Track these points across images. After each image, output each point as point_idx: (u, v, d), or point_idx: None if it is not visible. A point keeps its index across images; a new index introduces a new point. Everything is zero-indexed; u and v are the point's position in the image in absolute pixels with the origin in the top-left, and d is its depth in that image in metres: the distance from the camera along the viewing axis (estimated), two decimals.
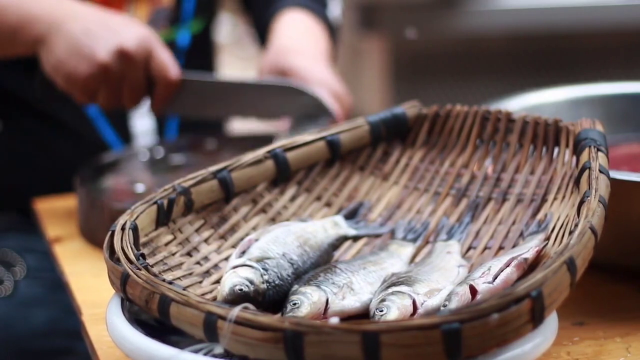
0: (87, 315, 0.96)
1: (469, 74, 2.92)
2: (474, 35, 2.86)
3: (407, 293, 0.80)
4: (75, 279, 1.07)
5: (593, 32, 2.92)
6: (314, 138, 0.97)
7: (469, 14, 2.84)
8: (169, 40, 1.49)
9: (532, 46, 2.92)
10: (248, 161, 0.94)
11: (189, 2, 1.51)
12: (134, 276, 0.77)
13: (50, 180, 1.41)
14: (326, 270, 0.85)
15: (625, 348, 0.86)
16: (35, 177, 1.47)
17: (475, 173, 0.97)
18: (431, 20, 2.82)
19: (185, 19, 1.50)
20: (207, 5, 1.55)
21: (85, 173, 1.25)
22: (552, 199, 0.91)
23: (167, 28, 1.49)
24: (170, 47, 1.48)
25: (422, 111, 1.01)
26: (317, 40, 1.45)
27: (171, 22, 1.50)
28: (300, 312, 0.80)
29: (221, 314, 0.71)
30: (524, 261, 0.81)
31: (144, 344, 0.74)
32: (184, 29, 1.50)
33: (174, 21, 1.50)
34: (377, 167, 1.01)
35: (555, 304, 0.71)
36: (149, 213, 0.87)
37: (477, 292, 0.78)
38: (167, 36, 1.49)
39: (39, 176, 1.47)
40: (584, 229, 0.76)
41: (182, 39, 1.50)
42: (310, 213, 0.97)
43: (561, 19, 2.92)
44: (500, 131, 0.97)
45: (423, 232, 0.94)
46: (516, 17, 2.88)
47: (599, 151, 0.87)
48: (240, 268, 0.84)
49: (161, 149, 1.36)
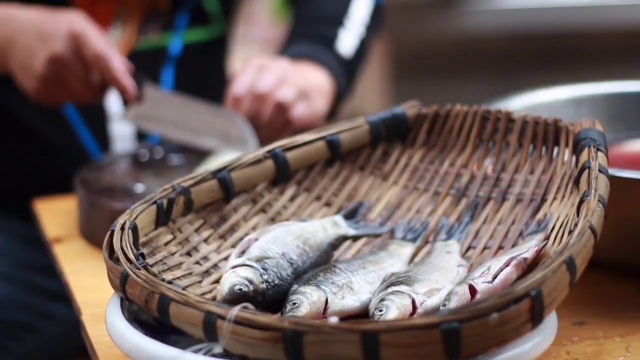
0: (87, 315, 0.96)
1: (469, 74, 2.92)
2: (474, 35, 2.86)
3: (407, 293, 0.80)
4: (75, 279, 1.07)
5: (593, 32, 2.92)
6: (313, 138, 0.97)
7: (469, 14, 2.84)
8: (160, 45, 1.48)
9: (532, 46, 2.92)
10: (248, 161, 0.94)
11: (183, 12, 1.50)
12: (133, 276, 0.77)
13: (28, 187, 1.44)
14: (326, 270, 0.85)
15: (625, 348, 0.86)
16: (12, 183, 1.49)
17: (474, 173, 0.97)
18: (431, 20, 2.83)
19: (179, 27, 1.51)
20: (204, 18, 1.54)
21: (85, 173, 1.25)
22: (552, 198, 0.91)
23: (159, 33, 1.49)
24: (161, 53, 1.48)
25: (422, 111, 1.01)
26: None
27: (164, 28, 1.50)
28: (299, 312, 0.80)
29: (221, 314, 0.71)
30: (523, 261, 0.81)
31: (143, 343, 0.74)
32: (176, 37, 1.50)
33: (166, 27, 1.50)
34: (377, 167, 1.01)
35: (554, 304, 0.71)
36: (149, 213, 0.87)
37: (477, 292, 0.78)
38: (158, 41, 1.49)
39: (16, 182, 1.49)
40: (584, 228, 0.76)
41: (174, 47, 1.51)
42: (310, 213, 0.97)
43: (561, 19, 2.92)
44: (499, 131, 0.97)
45: (422, 232, 0.94)
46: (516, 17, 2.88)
47: (599, 151, 0.87)
48: (240, 268, 0.84)
49: (161, 149, 1.36)
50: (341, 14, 1.50)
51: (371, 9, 1.53)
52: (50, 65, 1.26)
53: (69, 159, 1.44)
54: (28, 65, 1.28)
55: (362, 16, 1.51)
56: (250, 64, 1.37)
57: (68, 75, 1.27)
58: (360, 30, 1.50)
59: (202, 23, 1.53)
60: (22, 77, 1.29)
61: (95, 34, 1.27)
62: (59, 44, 1.26)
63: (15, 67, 1.30)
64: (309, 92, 1.36)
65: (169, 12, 1.49)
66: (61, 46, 1.26)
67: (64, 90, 1.29)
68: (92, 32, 1.27)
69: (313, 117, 1.36)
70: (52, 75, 1.27)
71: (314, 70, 1.41)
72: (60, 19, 1.28)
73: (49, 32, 1.27)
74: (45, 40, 1.26)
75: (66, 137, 1.46)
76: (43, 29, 1.27)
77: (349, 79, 1.49)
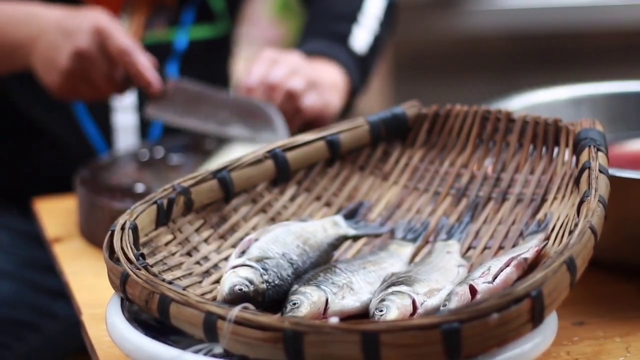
0: (87, 315, 0.96)
1: (469, 73, 2.92)
2: (474, 35, 2.86)
3: (407, 293, 0.80)
4: (75, 279, 1.07)
5: (593, 32, 2.92)
6: (313, 138, 0.97)
7: (469, 14, 2.84)
8: (166, 40, 1.49)
9: (532, 46, 2.92)
10: (248, 161, 0.94)
11: (190, 8, 1.51)
12: (133, 276, 0.77)
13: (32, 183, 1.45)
14: (326, 270, 0.85)
15: (625, 348, 0.86)
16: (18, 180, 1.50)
17: (475, 173, 0.97)
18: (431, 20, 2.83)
19: (185, 23, 1.51)
20: (210, 15, 1.55)
21: (85, 173, 1.25)
22: (552, 198, 0.91)
23: (165, 28, 1.50)
24: (167, 48, 1.49)
25: (422, 111, 1.01)
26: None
27: (170, 23, 1.51)
28: (300, 312, 0.80)
29: (221, 314, 0.71)
30: (523, 261, 0.81)
31: (143, 343, 0.74)
32: (182, 33, 1.51)
33: (173, 23, 1.51)
34: (377, 167, 1.01)
35: (555, 304, 0.71)
36: (149, 213, 0.87)
37: (477, 292, 0.78)
38: (164, 36, 1.50)
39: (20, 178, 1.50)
40: (584, 228, 0.76)
41: (180, 42, 1.52)
42: (310, 213, 0.97)
43: (561, 19, 2.92)
44: (500, 131, 0.97)
45: (423, 232, 0.94)
46: (516, 17, 2.88)
47: (599, 151, 0.87)
48: (240, 268, 0.84)
49: (161, 148, 1.36)
50: (355, 11, 1.51)
51: (385, 6, 1.54)
52: (75, 60, 1.27)
53: (73, 151, 1.45)
54: (52, 61, 1.28)
55: (376, 13, 1.52)
56: (262, 57, 1.38)
57: (92, 71, 1.28)
58: (374, 26, 1.51)
59: (207, 20, 1.55)
60: (45, 73, 1.30)
61: (119, 30, 1.28)
62: (83, 39, 1.27)
63: (38, 63, 1.30)
64: (319, 83, 1.37)
65: (175, 7, 1.51)
66: (86, 41, 1.26)
67: (88, 85, 1.30)
68: (116, 28, 1.28)
69: (324, 109, 1.37)
70: (76, 71, 1.28)
71: (328, 67, 1.43)
72: (84, 16, 1.29)
73: (73, 28, 1.28)
74: (69, 35, 1.27)
75: (71, 128, 1.47)
76: (67, 25, 1.28)
77: (363, 75, 1.49)
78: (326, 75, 1.40)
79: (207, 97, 1.34)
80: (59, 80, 1.29)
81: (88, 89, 1.30)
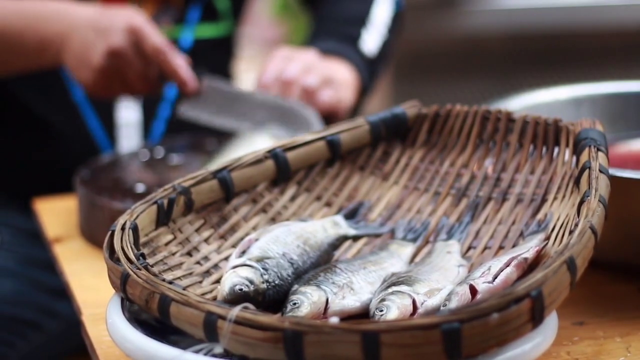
0: (87, 315, 0.96)
1: (469, 73, 2.92)
2: (474, 35, 2.86)
3: (407, 293, 0.80)
4: (75, 279, 1.07)
5: (593, 32, 2.92)
6: (313, 138, 0.97)
7: (469, 14, 2.84)
8: (171, 38, 1.51)
9: (532, 46, 2.92)
10: (248, 161, 0.94)
11: (195, 6, 1.53)
12: (134, 276, 0.77)
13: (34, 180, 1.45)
14: (326, 270, 0.85)
15: (625, 348, 0.86)
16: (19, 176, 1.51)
17: (475, 173, 0.97)
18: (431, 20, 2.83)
19: (190, 21, 1.53)
20: (215, 15, 1.56)
21: (85, 173, 1.25)
22: (552, 198, 0.91)
23: (170, 26, 1.51)
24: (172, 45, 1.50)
25: (422, 111, 1.01)
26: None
27: (176, 21, 1.52)
28: (300, 312, 0.80)
29: (221, 314, 0.71)
30: (524, 261, 0.81)
31: (144, 343, 0.74)
32: (187, 31, 1.52)
33: (178, 21, 1.52)
34: (377, 167, 1.01)
35: (555, 304, 0.71)
36: (149, 213, 0.87)
37: (477, 292, 0.78)
38: (170, 34, 1.52)
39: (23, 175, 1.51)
40: (584, 228, 0.76)
41: (185, 40, 1.53)
42: (310, 213, 0.97)
43: (561, 19, 2.92)
44: (500, 131, 0.97)
45: (423, 232, 0.94)
46: (516, 17, 2.88)
47: (599, 151, 0.87)
48: (240, 268, 0.84)
49: (161, 148, 1.36)
50: (364, 16, 1.54)
51: (392, 13, 1.57)
52: (109, 58, 1.28)
53: (76, 147, 1.46)
54: (85, 59, 1.29)
55: (383, 19, 1.56)
56: (277, 55, 1.40)
57: (126, 69, 1.29)
58: (383, 31, 1.54)
59: (212, 19, 1.56)
60: (78, 71, 1.30)
61: (153, 29, 1.29)
62: (118, 38, 1.27)
63: (71, 61, 1.31)
64: (333, 80, 1.39)
65: (181, 5, 1.52)
66: (120, 39, 1.27)
67: (121, 83, 1.30)
68: (150, 27, 1.29)
69: (339, 105, 1.39)
70: (110, 68, 1.28)
71: (340, 65, 1.45)
72: (117, 14, 1.30)
73: (107, 26, 1.28)
74: (103, 34, 1.28)
75: (74, 123, 1.47)
76: (100, 24, 1.29)
77: (372, 77, 1.52)
78: (339, 73, 1.42)
79: (242, 96, 1.34)
80: (93, 78, 1.29)
81: (121, 87, 1.31)
